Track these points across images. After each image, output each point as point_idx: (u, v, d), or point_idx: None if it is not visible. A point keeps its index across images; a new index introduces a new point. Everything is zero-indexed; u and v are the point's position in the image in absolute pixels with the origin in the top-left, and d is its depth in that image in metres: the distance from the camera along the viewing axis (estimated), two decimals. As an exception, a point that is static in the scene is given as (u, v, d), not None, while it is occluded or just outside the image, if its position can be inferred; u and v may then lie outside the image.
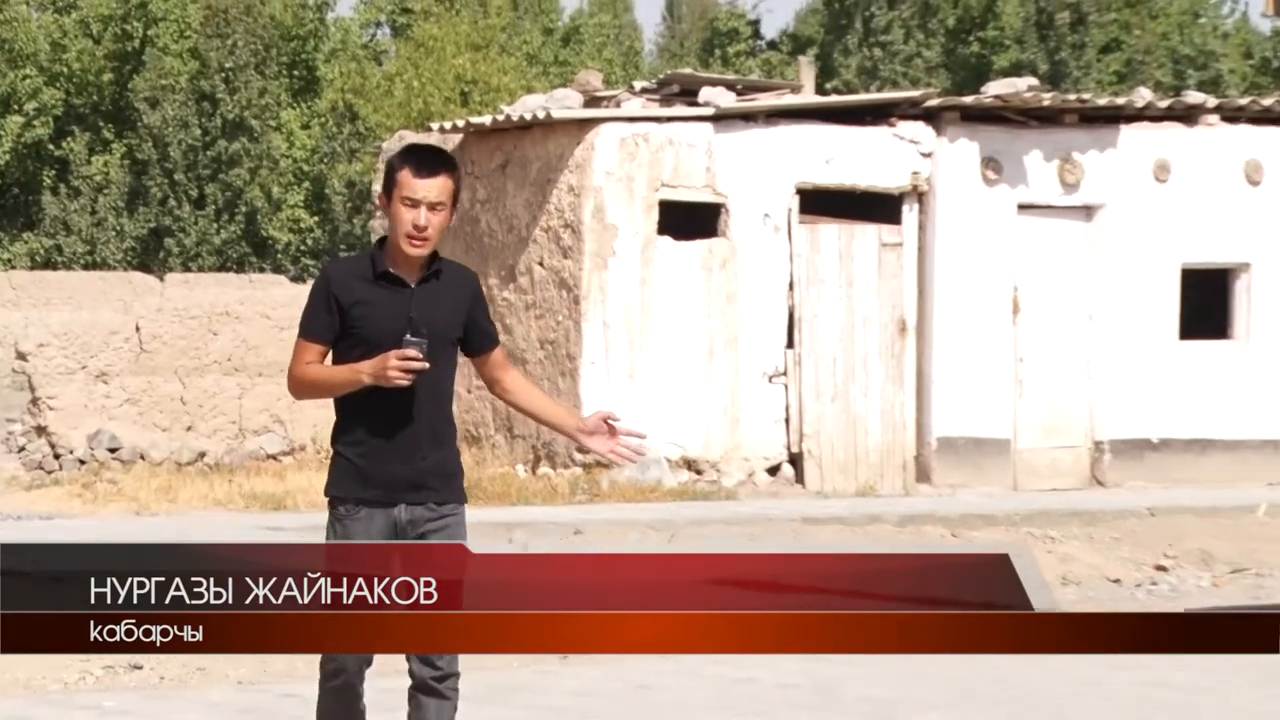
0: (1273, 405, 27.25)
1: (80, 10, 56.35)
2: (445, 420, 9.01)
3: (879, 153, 27.46)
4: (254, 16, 55.33)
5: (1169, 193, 28.55)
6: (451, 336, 8.98)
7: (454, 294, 9.02)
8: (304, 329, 8.98)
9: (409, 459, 8.89)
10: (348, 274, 8.99)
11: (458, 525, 8.99)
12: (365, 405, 8.87)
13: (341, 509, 8.93)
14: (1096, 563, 21.50)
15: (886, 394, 27.43)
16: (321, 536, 20.92)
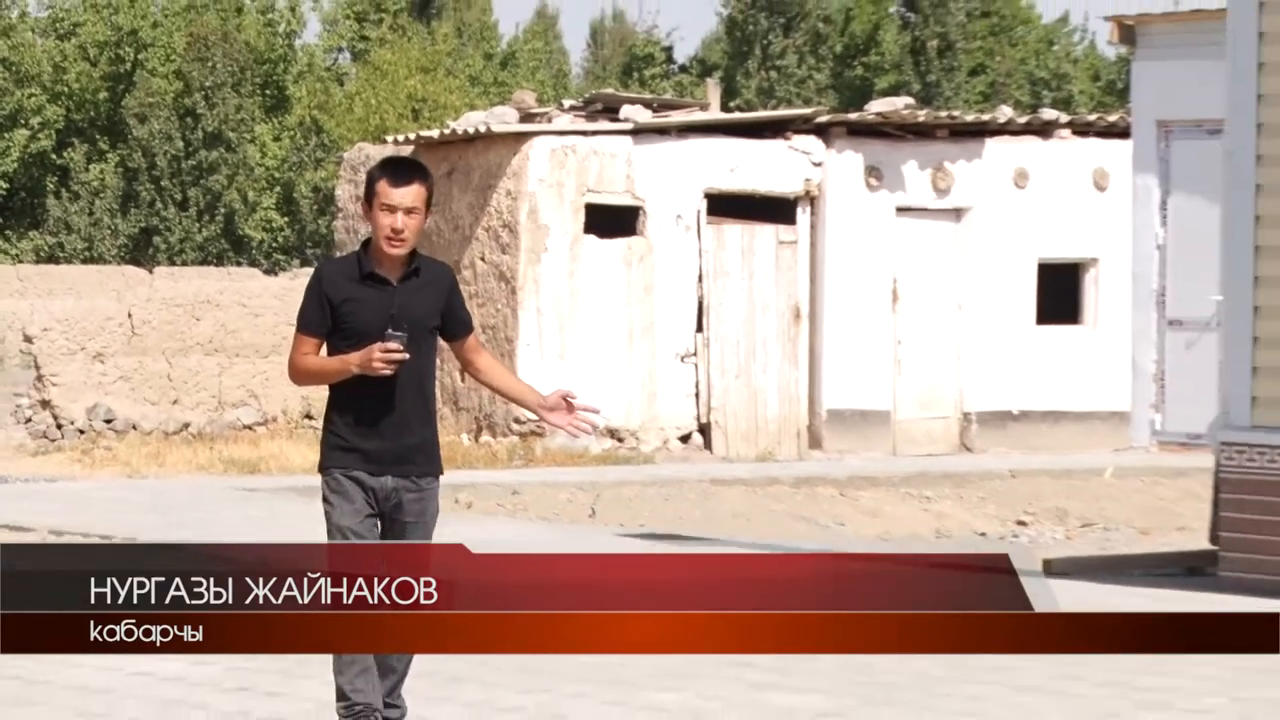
0: (1117, 382, 27.30)
1: (79, 37, 56.08)
2: (426, 402, 9.03)
3: (776, 162, 27.51)
4: (231, 43, 55.12)
5: (1027, 197, 28.67)
6: (430, 326, 9.00)
7: (432, 288, 9.04)
8: (301, 324, 9.01)
9: (394, 437, 8.93)
10: (337, 274, 9.02)
11: (432, 496, 9.02)
12: (355, 390, 8.90)
13: (339, 475, 8.96)
14: (965, 519, 21.56)
15: (783, 372, 27.48)
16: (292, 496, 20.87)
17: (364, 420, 8.94)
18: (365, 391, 8.90)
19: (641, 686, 11.50)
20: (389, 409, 8.92)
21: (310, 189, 55.15)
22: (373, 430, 8.94)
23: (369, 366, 8.78)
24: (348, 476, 8.96)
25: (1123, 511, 21.90)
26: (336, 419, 9.02)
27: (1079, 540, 20.28)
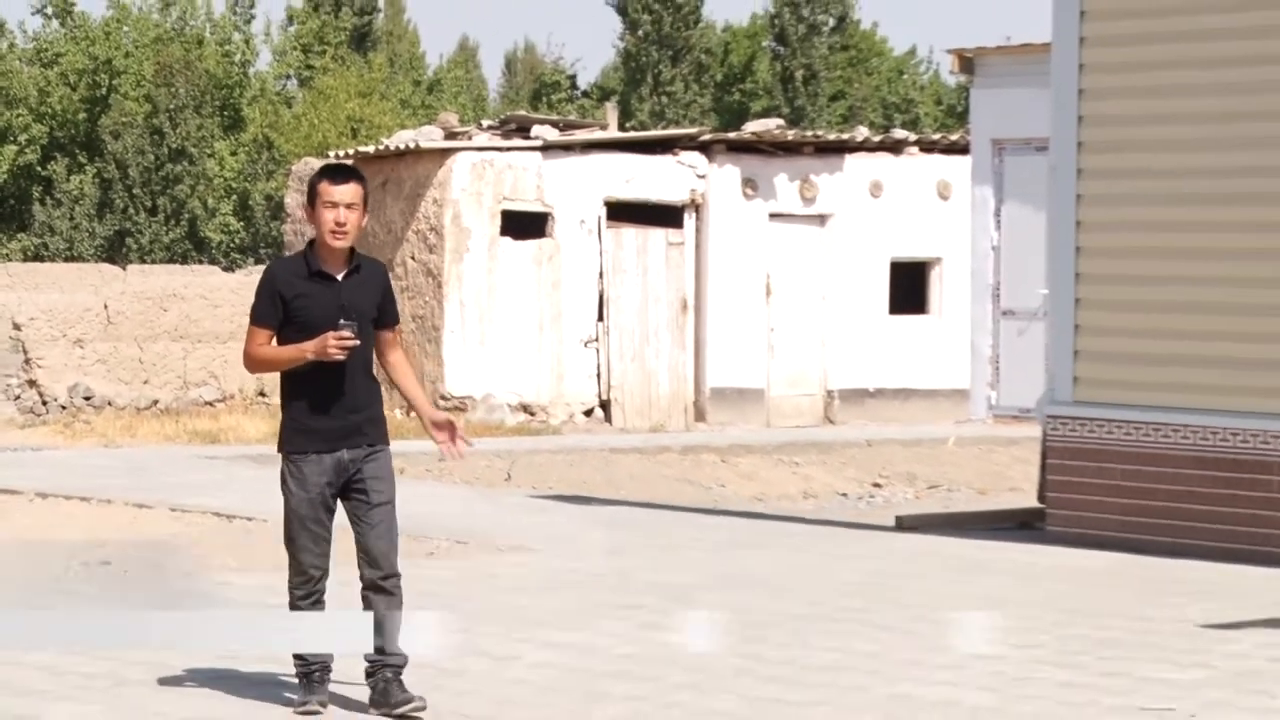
0: (958, 363, 27.44)
1: (60, 65, 55.93)
2: (370, 382, 9.01)
3: (666, 175, 27.54)
4: (193, 71, 55.01)
5: (881, 205, 28.76)
6: (371, 317, 8.97)
7: (371, 284, 9.01)
8: (255, 318, 8.95)
9: (345, 414, 8.90)
10: (288, 272, 8.97)
11: (385, 460, 9.01)
12: (308, 375, 8.86)
13: (295, 458, 8.92)
14: (829, 481, 21.61)
15: (672, 355, 27.52)
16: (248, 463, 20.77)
17: (318, 402, 8.90)
18: (318, 376, 8.87)
19: (546, 625, 11.52)
20: (339, 390, 8.88)
21: (263, 197, 55.07)
22: (326, 410, 8.90)
23: (324, 353, 8.75)
24: (305, 460, 8.92)
25: (963, 475, 21.99)
26: (293, 403, 8.98)
27: (926, 499, 20.36)
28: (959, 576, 13.47)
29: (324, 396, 8.89)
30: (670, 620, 11.74)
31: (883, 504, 19.79)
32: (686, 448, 23.29)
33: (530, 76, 68.98)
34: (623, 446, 23.21)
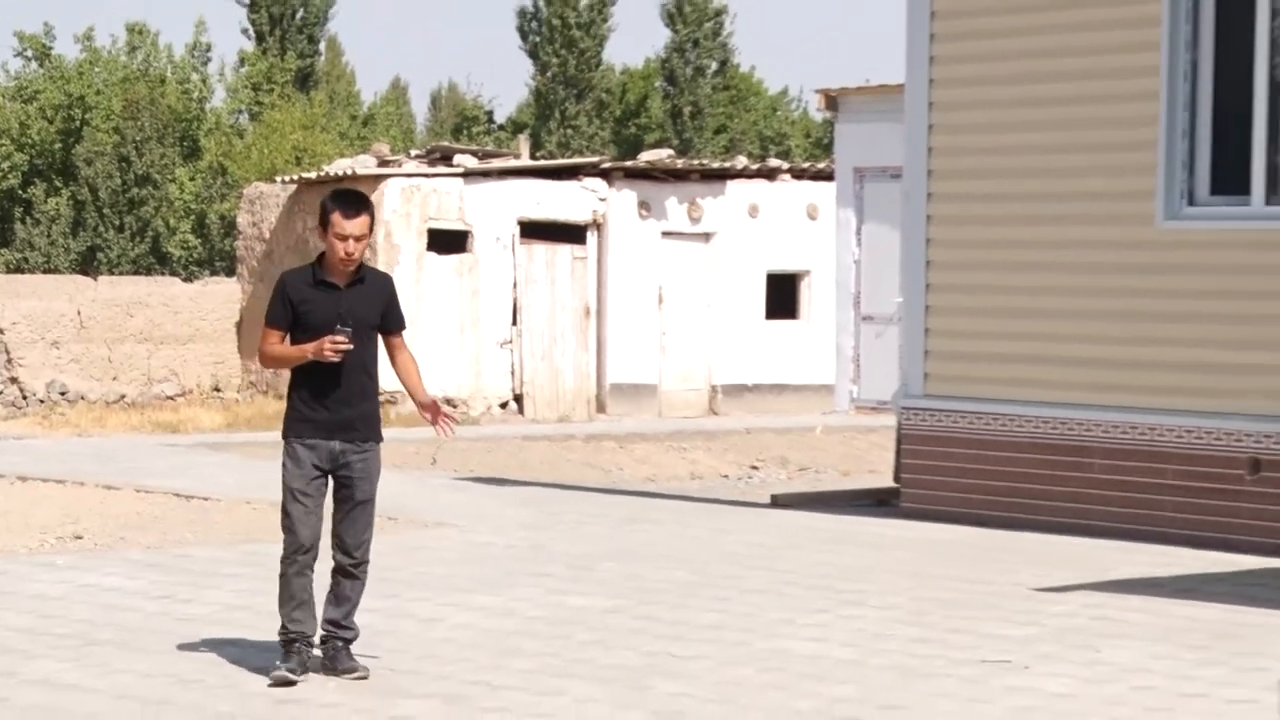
0: (825, 362, 27.55)
1: (39, 101, 55.66)
2: (368, 383, 8.97)
3: (571, 198, 27.53)
4: (156, 106, 54.77)
5: (759, 224, 28.82)
6: (371, 323, 8.93)
7: (374, 293, 8.97)
8: (269, 320, 8.94)
9: (340, 409, 8.87)
10: (297, 281, 8.93)
11: (374, 456, 8.98)
12: (310, 373, 8.84)
13: (294, 441, 8.88)
14: (714, 465, 21.65)
15: (577, 355, 27.50)
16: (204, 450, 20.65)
17: (316, 396, 8.88)
18: (318, 374, 8.85)
19: (468, 591, 11.51)
20: (335, 387, 8.86)
21: (218, 217, 54.83)
22: (322, 404, 8.87)
23: (320, 354, 8.75)
24: (302, 444, 8.88)
25: (829, 459, 22.06)
26: (296, 395, 8.96)
27: (797, 480, 20.41)
28: (825, 547, 13.51)
29: (322, 391, 8.87)
30: (577, 586, 11.75)
31: (759, 484, 19.84)
32: (589, 436, 23.31)
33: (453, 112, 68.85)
34: (534, 435, 23.23)
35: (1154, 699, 8.70)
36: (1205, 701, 8.65)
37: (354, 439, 8.92)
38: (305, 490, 8.89)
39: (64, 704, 8.59)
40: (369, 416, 9.00)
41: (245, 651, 9.67)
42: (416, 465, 19.80)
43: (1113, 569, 12.35)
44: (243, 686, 8.96)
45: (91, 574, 12.20)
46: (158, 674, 9.21)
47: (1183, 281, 13.66)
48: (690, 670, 9.31)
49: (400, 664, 9.33)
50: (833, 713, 8.44)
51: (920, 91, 15.13)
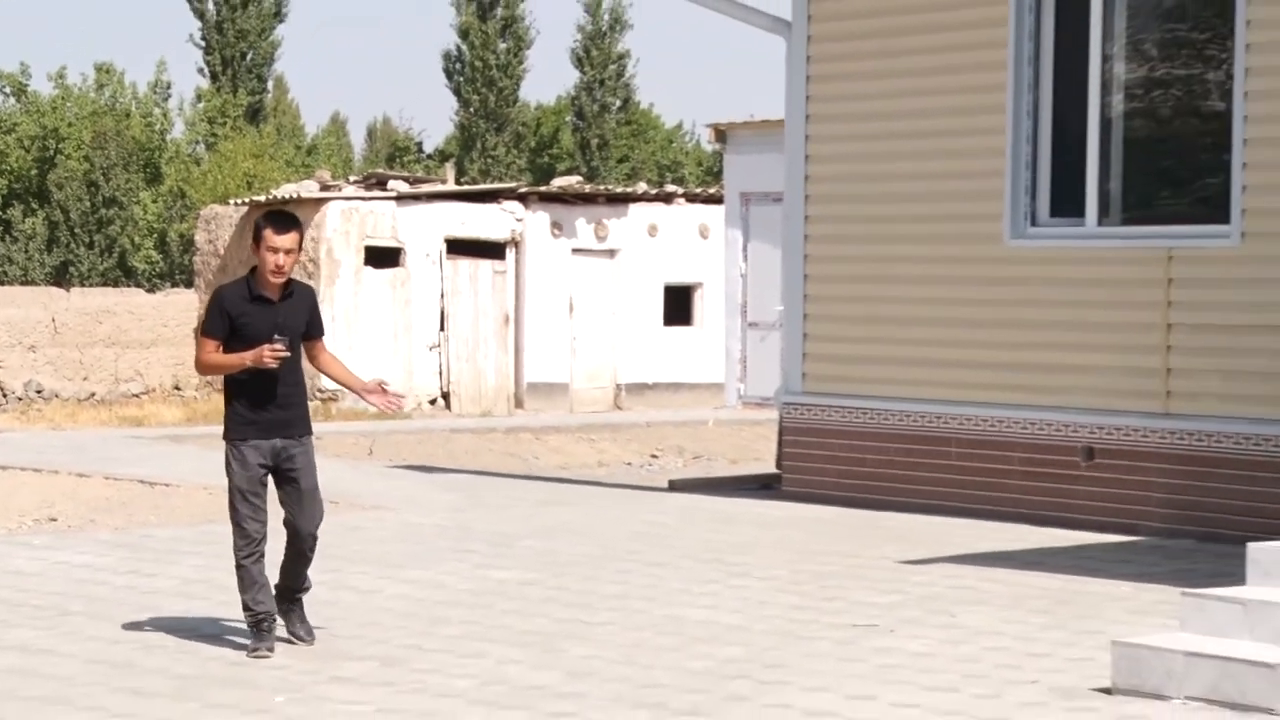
0: (716, 363, 27.64)
1: (16, 133, 55.32)
2: (299, 385, 8.86)
3: (492, 219, 27.50)
4: (122, 136, 54.54)
5: (658, 242, 28.88)
6: (300, 332, 8.86)
7: (301, 304, 8.88)
8: (206, 331, 8.82)
9: (278, 410, 8.76)
10: (233, 295, 8.80)
11: (310, 448, 8.89)
12: (249, 379, 8.73)
13: (238, 443, 8.77)
14: (618, 454, 21.64)
15: (498, 357, 27.46)
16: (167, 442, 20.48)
17: (256, 400, 8.76)
18: (256, 380, 8.73)
19: (401, 566, 11.48)
20: (273, 391, 8.75)
21: (178, 235, 54.56)
22: (262, 407, 8.76)
23: (260, 362, 8.64)
24: (247, 445, 8.77)
25: (720, 448, 22.10)
26: (236, 400, 8.83)
27: (692, 467, 20.42)
28: (716, 525, 13.54)
29: (261, 395, 8.75)
30: (497, 560, 11.74)
31: (659, 471, 19.85)
32: (509, 429, 23.29)
33: (387, 143, 68.63)
34: (459, 428, 23.19)
35: (1003, 658, 8.77)
36: (1049, 660, 8.72)
37: (292, 435, 8.83)
38: (252, 490, 8.80)
39: (40, 668, 8.54)
40: (303, 414, 8.92)
41: (203, 621, 9.63)
42: (355, 455, 19.72)
43: (967, 544, 12.42)
44: (200, 652, 8.92)
45: (64, 552, 12.11)
46: (124, 641, 9.16)
47: (1027, 292, 13.76)
48: (598, 635, 9.32)
49: (342, 631, 9.30)
50: (723, 671, 8.46)
51: (798, 126, 15.19)
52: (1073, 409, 13.44)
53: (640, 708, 7.76)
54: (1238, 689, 7.66)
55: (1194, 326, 12.85)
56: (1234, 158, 12.63)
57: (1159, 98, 13.51)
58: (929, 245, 14.32)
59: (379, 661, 8.67)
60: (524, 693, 8.05)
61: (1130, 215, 13.47)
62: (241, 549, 8.80)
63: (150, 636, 9.26)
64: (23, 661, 8.68)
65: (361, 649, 8.89)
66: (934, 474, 14.19)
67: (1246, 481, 12.47)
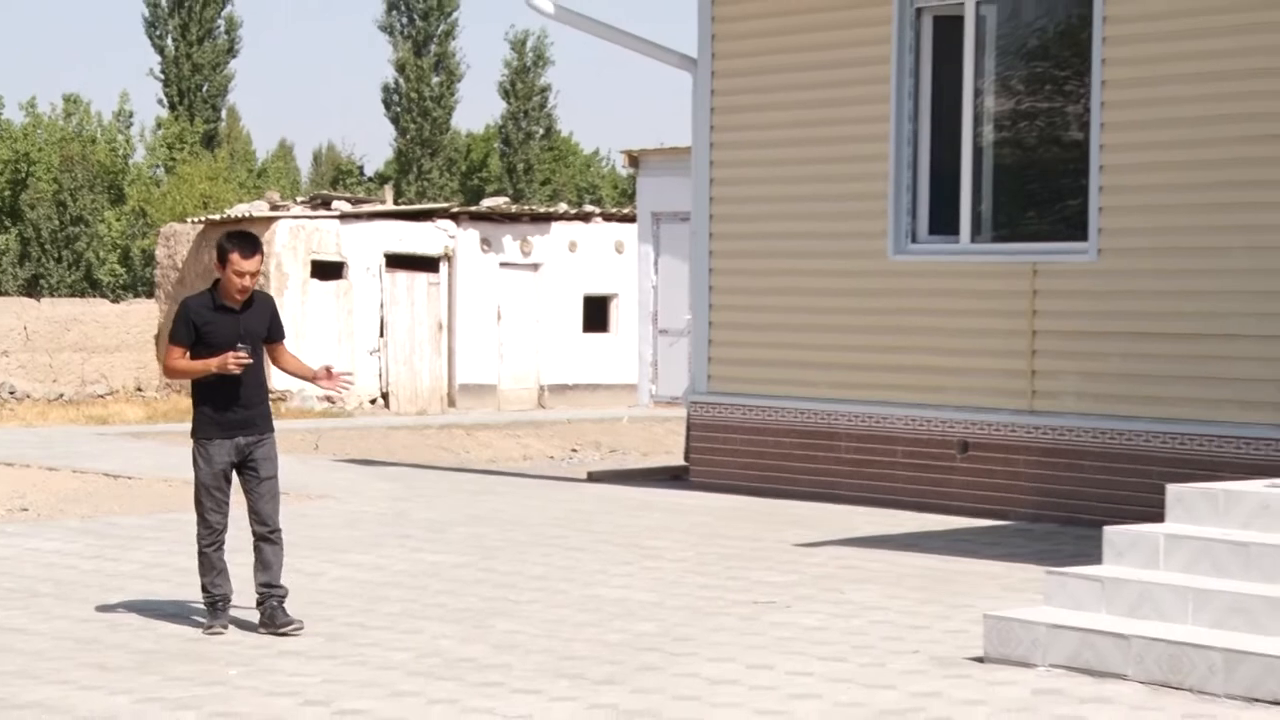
0: (628, 366, 27.67)
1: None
2: (261, 387, 8.74)
3: (427, 236, 27.42)
4: (88, 160, 54.17)
5: (577, 257, 28.87)
6: (262, 337, 8.75)
7: (262, 313, 8.76)
8: (173, 338, 8.69)
9: (241, 410, 8.65)
10: (199, 305, 8.68)
11: (271, 445, 8.76)
12: (214, 383, 8.61)
13: (204, 442, 8.66)
14: (541, 448, 21.61)
15: (432, 361, 27.38)
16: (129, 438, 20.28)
17: (221, 402, 8.64)
18: (221, 383, 8.61)
19: (345, 550, 11.42)
20: (237, 393, 8.63)
21: (139, 251, 54.14)
22: (227, 408, 8.64)
23: (225, 368, 8.53)
24: (212, 443, 8.65)
25: (634, 442, 22.12)
26: (202, 402, 8.70)
27: (608, 460, 20.43)
28: (631, 512, 13.56)
29: (225, 397, 8.64)
30: (429, 545, 11.71)
31: (578, 463, 19.84)
32: (442, 425, 23.22)
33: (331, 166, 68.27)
34: (397, 425, 23.11)
35: (887, 630, 8.82)
36: (928, 632, 8.77)
37: (254, 432, 8.73)
38: (217, 485, 8.71)
39: (13, 644, 8.46)
40: (265, 413, 8.82)
41: (162, 601, 9.56)
42: (302, 450, 19.61)
43: (856, 529, 12.48)
44: (159, 629, 8.85)
45: (35, 539, 11.99)
46: (90, 619, 9.09)
47: (908, 303, 13.84)
48: (523, 612, 9.31)
49: (290, 609, 9.24)
50: (636, 644, 8.47)
51: (704, 152, 15.23)
52: (949, 407, 13.52)
53: (561, 678, 7.75)
54: (1095, 657, 7.73)
55: (1056, 333, 12.95)
56: (1091, 182, 12.75)
57: (1025, 128, 13.62)
58: (821, 260, 14.39)
59: (324, 637, 8.63)
60: (455, 664, 8.04)
61: (999, 233, 13.57)
62: (204, 538, 8.72)
63: (114, 616, 9.19)
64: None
65: (309, 625, 8.84)
66: (826, 465, 14.25)
67: (1103, 472, 12.58)
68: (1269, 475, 10.11)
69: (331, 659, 8.16)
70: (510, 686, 7.60)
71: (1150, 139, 12.43)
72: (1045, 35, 13.48)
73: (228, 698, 7.41)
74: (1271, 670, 7.22)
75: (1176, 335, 12.27)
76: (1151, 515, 9.43)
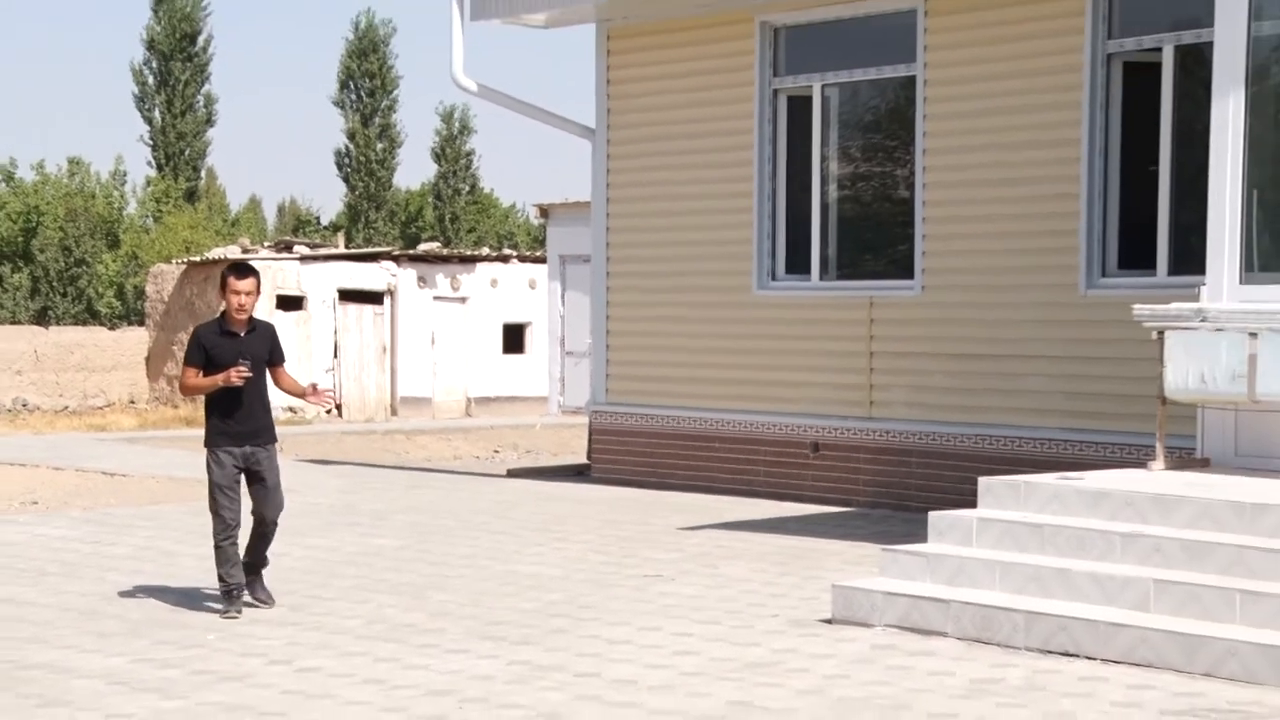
0: (540, 381, 27.62)
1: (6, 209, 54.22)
2: (264, 402, 8.47)
3: (373, 274, 27.24)
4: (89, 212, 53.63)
5: (498, 292, 28.76)
6: (263, 359, 8.47)
7: (263, 338, 8.51)
8: (188, 360, 8.43)
9: (246, 422, 8.38)
10: (208, 332, 8.45)
11: (274, 453, 8.51)
12: (223, 396, 8.35)
13: (216, 450, 8.39)
14: (469, 449, 21.50)
15: (378, 377, 27.18)
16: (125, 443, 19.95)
17: (229, 414, 8.37)
18: (229, 398, 8.36)
19: (304, 534, 11.30)
20: (240, 406, 8.37)
21: (132, 287, 53.47)
22: (234, 420, 8.37)
23: (229, 382, 8.27)
24: (224, 451, 8.38)
25: (545, 445, 22.05)
26: (213, 414, 8.43)
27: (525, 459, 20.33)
28: (544, 503, 13.52)
29: (233, 411, 8.36)
30: (376, 531, 11.62)
31: (500, 462, 19.76)
32: (386, 431, 23.06)
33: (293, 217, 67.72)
34: (349, 431, 22.94)
35: (753, 598, 8.84)
36: (786, 599, 8.80)
37: (259, 442, 8.45)
38: (229, 486, 8.42)
39: (25, 614, 8.32)
40: (268, 425, 8.52)
41: (151, 579, 9.44)
42: (269, 452, 19.38)
43: (727, 515, 12.52)
44: (148, 601, 8.74)
45: (44, 527, 11.79)
46: (91, 594, 8.95)
47: (769, 329, 13.91)
48: (454, 585, 9.26)
49: (259, 585, 9.14)
50: (548, 611, 8.45)
51: (601, 205, 15.24)
52: (802, 414, 13.60)
53: (486, 639, 7.72)
54: (921, 618, 7.79)
55: (889, 354, 13.06)
56: (916, 231, 12.88)
57: (862, 187, 13.74)
58: (698, 294, 14.43)
59: (287, 608, 8.54)
60: (398, 629, 7.98)
61: (842, 273, 13.67)
62: (219, 533, 8.43)
63: (110, 590, 9.05)
64: (10, 610, 8.45)
65: (275, 599, 8.73)
66: (704, 462, 14.28)
67: (928, 467, 12.69)
68: (1059, 469, 10.26)
69: (294, 625, 8.08)
70: (443, 647, 7.55)
71: (962, 196, 12.59)
72: (878, 113, 13.61)
73: (206, 659, 7.33)
74: (1063, 627, 7.32)
75: (985, 355, 12.42)
76: (966, 502, 9.53)
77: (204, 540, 8.86)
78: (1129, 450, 11.22)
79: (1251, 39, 8.76)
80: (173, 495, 13.93)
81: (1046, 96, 12.00)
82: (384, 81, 62.64)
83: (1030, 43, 12.09)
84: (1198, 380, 8.61)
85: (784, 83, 13.82)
